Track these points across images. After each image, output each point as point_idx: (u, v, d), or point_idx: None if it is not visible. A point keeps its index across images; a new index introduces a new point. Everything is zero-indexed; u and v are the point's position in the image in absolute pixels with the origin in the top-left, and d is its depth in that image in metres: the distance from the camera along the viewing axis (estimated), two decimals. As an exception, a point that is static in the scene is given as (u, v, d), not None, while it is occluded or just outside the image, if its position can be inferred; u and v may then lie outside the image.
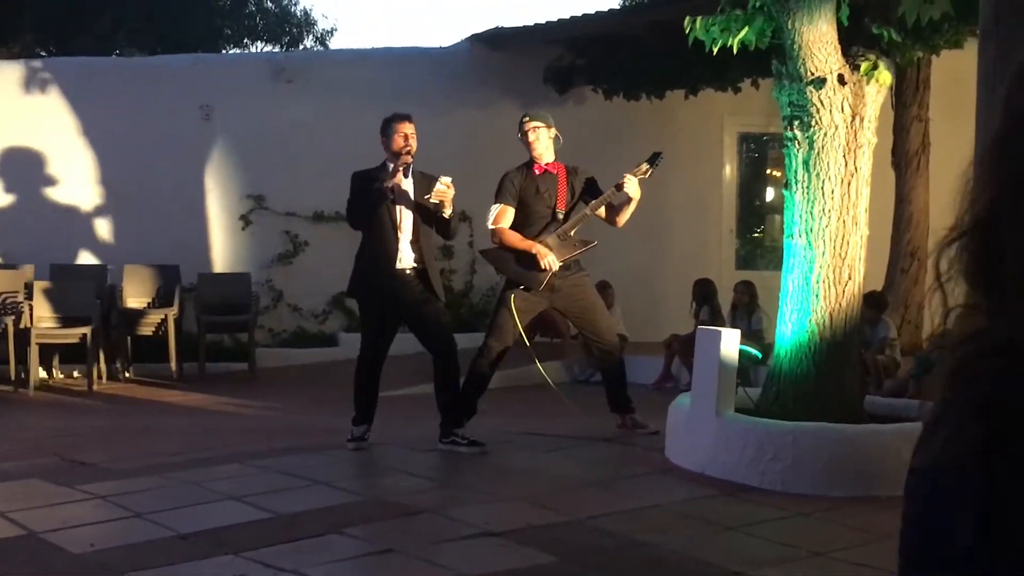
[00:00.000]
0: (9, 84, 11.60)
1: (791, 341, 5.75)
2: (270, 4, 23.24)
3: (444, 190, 6.13)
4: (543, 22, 11.42)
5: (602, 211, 6.51)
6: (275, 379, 10.54)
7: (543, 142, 6.51)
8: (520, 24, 11.85)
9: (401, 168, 6.21)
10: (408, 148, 6.24)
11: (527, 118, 6.59)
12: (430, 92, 11.47)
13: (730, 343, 5.69)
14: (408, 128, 6.30)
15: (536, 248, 6.43)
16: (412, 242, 6.27)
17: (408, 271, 6.26)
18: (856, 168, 5.69)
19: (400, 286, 6.24)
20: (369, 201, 6.24)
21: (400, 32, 55.90)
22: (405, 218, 6.28)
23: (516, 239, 6.48)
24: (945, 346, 0.89)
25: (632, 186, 6.29)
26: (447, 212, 6.21)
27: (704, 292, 10.25)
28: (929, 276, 0.94)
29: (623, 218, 6.52)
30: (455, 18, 51.90)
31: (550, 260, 6.40)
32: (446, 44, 13.01)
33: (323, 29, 24.10)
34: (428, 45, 13.21)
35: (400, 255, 6.25)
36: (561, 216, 6.52)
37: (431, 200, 6.18)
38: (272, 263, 11.85)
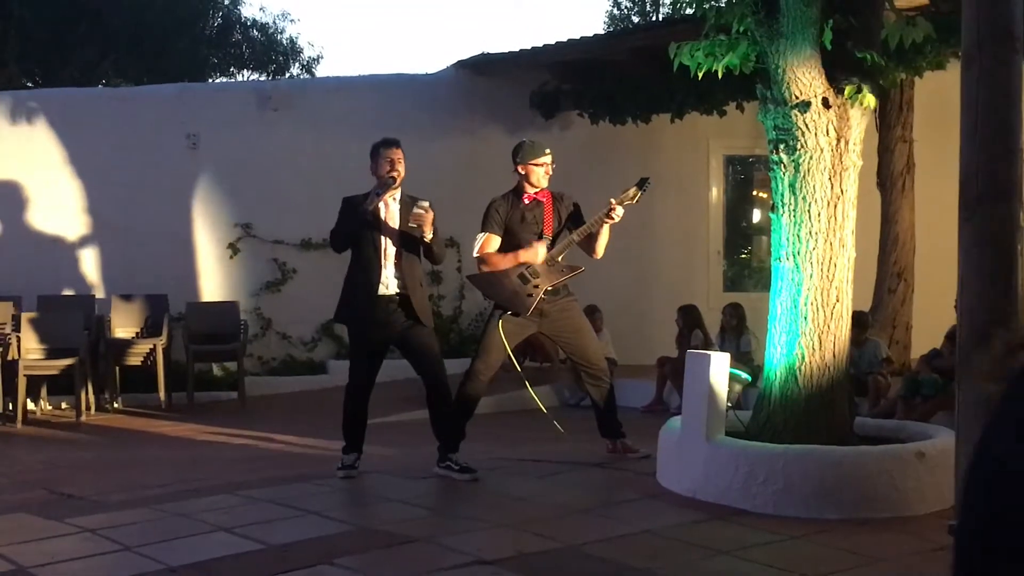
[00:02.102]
0: (-5, 115, 11.59)
1: (780, 364, 5.76)
2: (256, 33, 23.32)
3: (421, 214, 6.12)
4: (528, 48, 11.47)
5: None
6: (265, 408, 10.51)
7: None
8: (505, 50, 11.89)
9: (382, 192, 6.18)
10: (394, 174, 6.24)
11: (548, 151, 6.53)
12: (416, 118, 11.50)
13: (720, 367, 5.69)
14: (395, 154, 6.29)
15: (522, 254, 6.43)
16: (396, 268, 6.26)
17: (392, 297, 6.25)
18: (842, 190, 5.71)
19: (384, 312, 6.22)
20: (351, 226, 6.23)
21: (386, 59, 56.13)
22: (389, 244, 6.27)
23: (499, 258, 6.48)
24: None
25: (619, 214, 6.32)
26: (428, 236, 6.20)
27: (694, 317, 10.27)
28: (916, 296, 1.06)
29: (599, 247, 6.54)
30: (440, 44, 52.14)
31: (538, 253, 6.39)
32: (432, 70, 13.05)
33: (309, 57, 24.22)
34: (414, 71, 13.23)
35: (384, 281, 6.23)
36: (548, 242, 6.53)
37: (410, 224, 6.19)
38: (260, 291, 11.84)
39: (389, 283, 6.23)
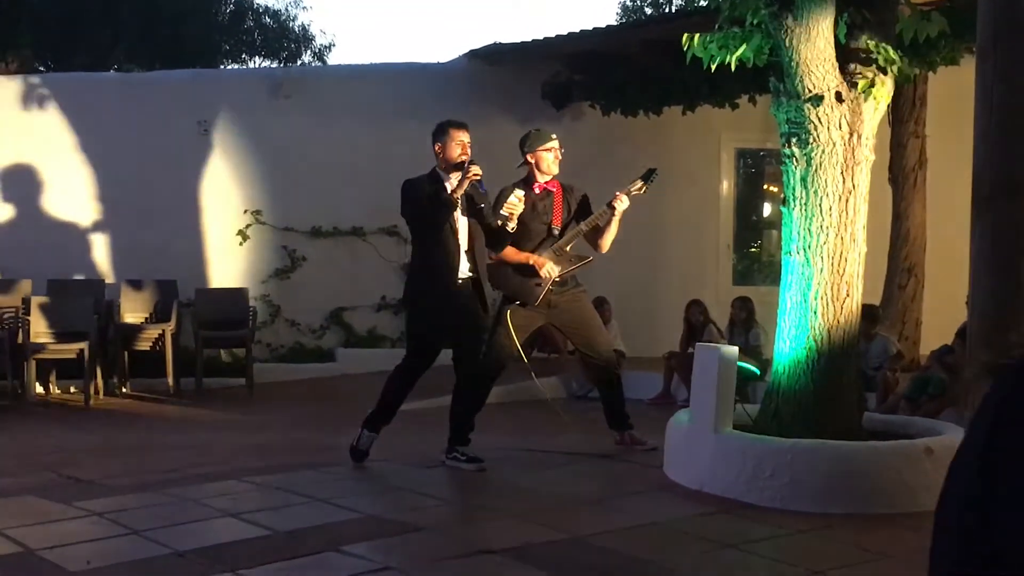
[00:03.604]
0: (7, 99, 11.62)
1: (789, 358, 5.75)
2: (268, 20, 23.31)
3: (516, 203, 6.11)
4: (540, 38, 11.44)
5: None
6: (272, 395, 10.52)
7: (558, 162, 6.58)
8: (518, 40, 11.87)
9: (468, 181, 6.09)
10: (465, 157, 6.14)
11: (554, 137, 6.57)
12: (427, 108, 11.46)
13: (728, 360, 5.69)
14: (466, 137, 6.22)
15: (534, 259, 6.45)
16: (467, 251, 6.21)
17: (465, 281, 6.21)
18: (854, 185, 5.70)
19: (457, 297, 6.17)
20: (438, 211, 6.11)
21: (398, 48, 56.11)
22: (462, 228, 6.21)
23: (512, 252, 6.49)
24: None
25: (623, 205, 6.34)
26: (511, 226, 6.18)
27: (704, 313, 10.25)
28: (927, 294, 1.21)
29: (606, 241, 6.56)
30: (453, 34, 52.11)
31: (549, 268, 6.41)
32: (444, 60, 13.03)
33: (321, 44, 24.20)
34: (426, 61, 13.22)
35: (461, 265, 6.19)
36: (557, 232, 6.54)
37: (501, 212, 6.12)
38: (269, 278, 11.85)
39: (462, 266, 6.19)
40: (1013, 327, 3.38)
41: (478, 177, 6.10)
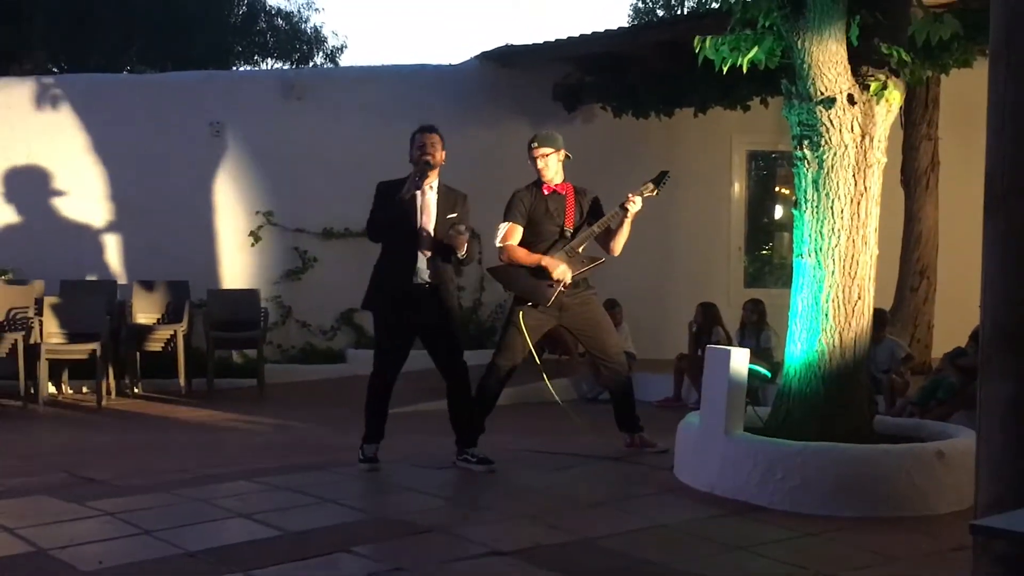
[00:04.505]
0: (20, 100, 11.68)
1: (800, 360, 5.74)
2: (280, 21, 23.37)
3: (454, 236, 6.03)
4: (552, 40, 11.46)
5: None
6: (283, 395, 10.55)
7: (552, 168, 6.53)
8: (529, 42, 11.89)
9: (417, 179, 6.08)
10: (425, 158, 6.11)
11: (535, 144, 6.56)
12: (439, 109, 11.49)
13: (739, 362, 5.68)
14: (427, 138, 6.15)
15: (545, 260, 6.43)
16: (429, 258, 6.17)
17: (424, 286, 6.17)
18: (866, 187, 5.69)
19: (415, 301, 6.14)
20: (388, 213, 6.15)
21: (410, 49, 56.18)
22: (423, 233, 6.16)
23: (523, 254, 6.49)
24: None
25: (636, 207, 6.35)
26: (460, 254, 6.13)
27: (714, 315, 10.25)
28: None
29: (618, 244, 6.56)
30: (465, 35, 52.15)
31: (562, 271, 6.41)
32: (455, 61, 13.05)
33: (333, 46, 24.25)
34: (438, 62, 13.24)
35: (417, 269, 6.15)
36: (569, 234, 6.54)
37: (446, 239, 6.09)
38: (281, 279, 11.89)
39: (421, 272, 6.14)
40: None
41: (421, 172, 6.06)
